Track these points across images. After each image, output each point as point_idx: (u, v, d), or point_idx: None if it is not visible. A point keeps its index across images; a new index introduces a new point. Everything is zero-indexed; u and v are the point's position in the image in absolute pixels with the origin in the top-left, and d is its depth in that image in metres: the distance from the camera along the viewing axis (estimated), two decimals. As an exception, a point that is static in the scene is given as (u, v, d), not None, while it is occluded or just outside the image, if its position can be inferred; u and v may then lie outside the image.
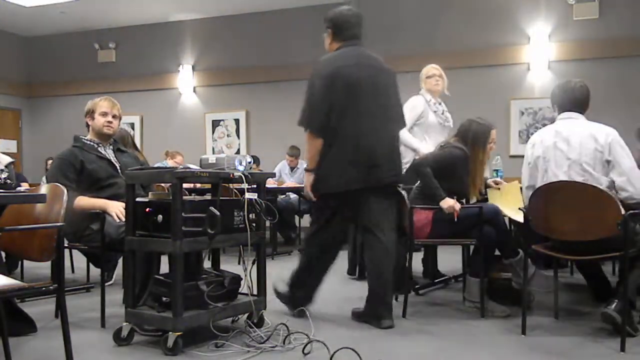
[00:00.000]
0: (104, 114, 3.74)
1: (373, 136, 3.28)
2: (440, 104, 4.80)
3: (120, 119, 3.85)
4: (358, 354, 2.63)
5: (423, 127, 4.67)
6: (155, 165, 6.66)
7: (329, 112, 3.24)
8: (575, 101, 3.36)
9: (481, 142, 3.82)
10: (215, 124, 9.96)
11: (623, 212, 2.89)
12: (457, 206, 3.61)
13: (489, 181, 4.19)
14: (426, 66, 4.85)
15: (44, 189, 2.89)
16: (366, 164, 3.28)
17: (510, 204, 3.85)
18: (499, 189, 4.12)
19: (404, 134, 4.03)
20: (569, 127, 3.30)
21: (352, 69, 3.30)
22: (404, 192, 3.74)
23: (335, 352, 2.68)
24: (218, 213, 2.85)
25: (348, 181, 3.31)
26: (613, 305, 2.99)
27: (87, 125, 3.80)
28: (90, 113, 3.76)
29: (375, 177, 3.33)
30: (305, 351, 2.85)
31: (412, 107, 4.62)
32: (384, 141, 3.32)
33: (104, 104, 3.76)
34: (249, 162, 3.19)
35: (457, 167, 3.76)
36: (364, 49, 3.43)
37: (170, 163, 7.71)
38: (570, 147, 3.22)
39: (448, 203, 3.60)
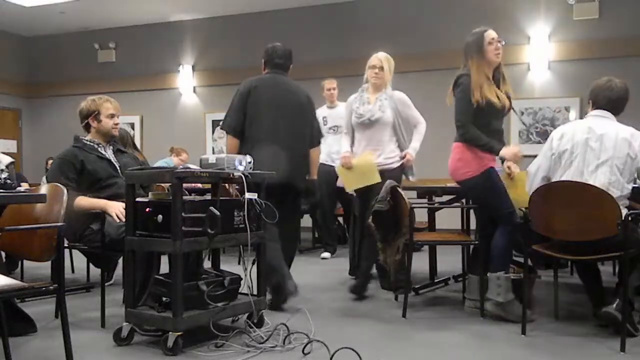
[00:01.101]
0: (112, 116, 3.75)
1: (271, 144, 3.91)
2: (383, 99, 4.29)
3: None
4: (358, 354, 2.63)
5: (354, 128, 4.41)
6: (159, 162, 6.69)
7: (243, 120, 4.01)
8: (611, 101, 3.33)
9: (474, 50, 3.53)
10: (215, 124, 9.94)
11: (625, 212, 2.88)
12: (519, 152, 3.53)
13: (505, 165, 3.77)
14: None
15: (44, 189, 2.89)
16: (262, 164, 3.57)
17: (524, 196, 3.50)
18: (511, 178, 3.75)
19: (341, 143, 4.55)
20: (603, 126, 3.24)
21: (266, 89, 4.10)
22: (402, 191, 3.75)
23: (335, 352, 2.68)
24: (218, 213, 2.85)
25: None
26: (614, 305, 2.99)
27: (87, 126, 3.79)
28: (95, 115, 3.74)
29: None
30: (306, 351, 2.85)
31: (345, 108, 4.58)
32: (283, 148, 3.88)
33: (110, 106, 3.76)
34: (249, 162, 3.19)
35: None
36: (285, 77, 4.27)
37: (175, 160, 7.71)
38: (603, 147, 3.18)
39: (512, 151, 3.53)
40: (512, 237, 3.51)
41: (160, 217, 2.91)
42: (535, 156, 3.55)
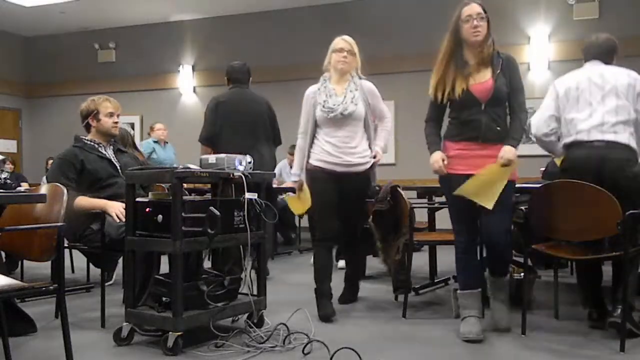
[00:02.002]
0: (111, 115, 3.75)
1: (236, 146, 4.18)
2: (353, 89, 3.72)
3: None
4: (358, 354, 2.63)
5: (314, 125, 3.75)
6: (142, 142, 6.85)
7: (214, 131, 4.85)
8: (600, 50, 3.45)
9: (450, 30, 3.28)
10: (215, 124, 9.96)
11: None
12: (438, 165, 3.13)
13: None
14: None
15: (44, 189, 2.89)
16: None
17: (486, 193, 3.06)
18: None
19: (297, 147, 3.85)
20: (598, 67, 3.39)
21: (230, 103, 4.88)
22: (402, 191, 3.75)
23: (335, 352, 2.68)
24: (218, 213, 2.85)
25: None
26: (617, 312, 2.99)
27: (87, 126, 3.79)
28: (95, 114, 3.74)
29: None
30: (305, 351, 2.85)
31: (304, 103, 3.84)
32: (246, 150, 3.91)
33: (109, 105, 3.76)
34: (249, 162, 3.19)
35: None
36: (245, 90, 5.00)
37: (152, 135, 8.03)
38: (604, 79, 3.29)
39: (433, 159, 3.19)
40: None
41: (160, 217, 2.91)
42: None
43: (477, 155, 3.11)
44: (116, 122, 3.78)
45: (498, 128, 3.13)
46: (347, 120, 3.67)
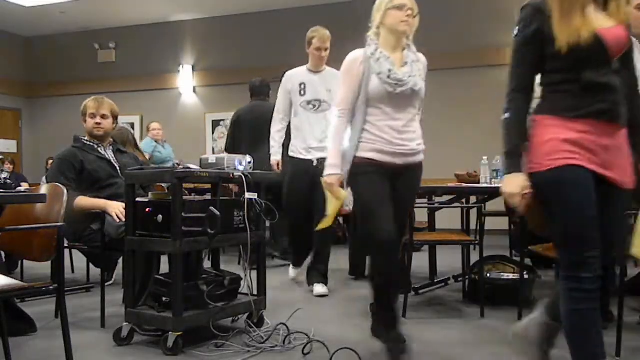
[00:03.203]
0: (92, 116, 3.70)
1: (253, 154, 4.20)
2: (413, 60, 2.91)
3: (114, 117, 3.79)
4: (358, 354, 2.63)
5: (365, 103, 2.83)
6: (142, 144, 6.90)
7: (233, 142, 5.81)
8: None
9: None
10: (215, 124, 9.96)
11: None
12: (516, 199, 2.07)
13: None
14: None
15: (44, 189, 2.89)
16: None
17: None
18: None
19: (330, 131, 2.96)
20: None
21: (246, 116, 5.80)
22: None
23: (335, 353, 2.68)
24: (218, 213, 2.85)
25: None
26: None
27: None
28: (83, 115, 3.75)
29: None
30: (305, 351, 2.85)
31: (345, 71, 2.91)
32: (261, 158, 4.48)
33: (90, 105, 3.72)
34: (249, 162, 3.19)
35: None
36: (262, 102, 5.85)
37: (150, 136, 8.03)
38: None
39: (512, 184, 2.09)
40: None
41: (160, 217, 2.91)
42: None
43: (611, 146, 2.00)
44: (98, 124, 3.70)
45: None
46: (414, 98, 2.87)
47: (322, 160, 3.42)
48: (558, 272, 2.66)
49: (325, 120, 4.30)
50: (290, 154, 4.54)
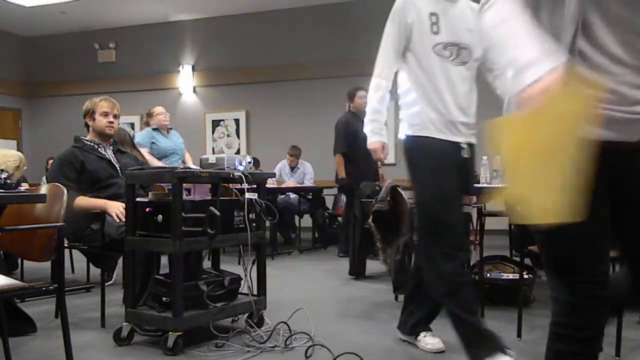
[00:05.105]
0: (105, 114, 3.74)
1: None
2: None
3: (119, 118, 3.85)
4: (360, 358, 2.62)
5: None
6: (138, 136, 6.31)
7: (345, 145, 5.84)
8: None
9: None
10: (215, 124, 9.96)
11: None
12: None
13: None
14: None
15: (44, 189, 2.89)
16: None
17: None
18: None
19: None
20: None
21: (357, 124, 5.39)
22: (403, 191, 3.75)
23: (337, 357, 2.68)
24: (218, 213, 2.85)
25: None
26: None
27: (87, 126, 3.80)
28: (91, 113, 3.75)
29: None
30: (308, 354, 2.84)
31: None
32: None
33: (104, 104, 3.75)
34: (249, 162, 3.19)
35: None
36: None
37: (152, 123, 6.36)
38: None
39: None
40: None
41: (160, 217, 2.91)
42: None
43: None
44: (111, 122, 3.74)
45: None
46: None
47: (472, 148, 2.64)
48: None
49: (470, 80, 2.66)
50: (420, 132, 2.61)
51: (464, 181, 2.62)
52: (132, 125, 10.25)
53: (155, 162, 5.69)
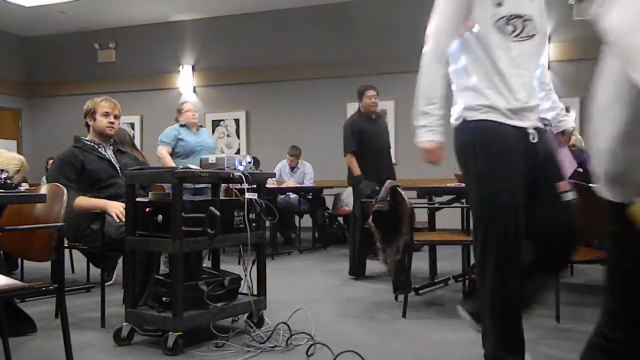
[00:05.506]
0: (106, 115, 3.74)
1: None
2: None
3: (119, 119, 3.86)
4: (361, 357, 2.62)
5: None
6: (167, 131, 6.12)
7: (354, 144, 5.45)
8: None
9: None
10: (215, 124, 9.96)
11: None
12: None
13: None
14: None
15: (44, 189, 2.89)
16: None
17: None
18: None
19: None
20: None
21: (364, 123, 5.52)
22: (403, 191, 3.75)
23: (338, 355, 2.68)
24: (218, 213, 2.85)
25: None
26: None
27: (87, 126, 3.80)
28: (92, 113, 3.76)
29: None
30: (309, 353, 2.84)
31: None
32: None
33: (105, 105, 3.76)
34: (249, 162, 3.19)
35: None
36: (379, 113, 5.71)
37: (181, 119, 6.21)
38: None
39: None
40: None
41: (160, 217, 2.91)
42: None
43: None
44: (112, 123, 3.75)
45: None
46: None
47: (542, 133, 2.28)
48: None
49: (539, 56, 2.38)
50: (480, 115, 2.25)
51: (545, 168, 2.25)
52: (132, 125, 10.26)
53: (168, 162, 5.64)
